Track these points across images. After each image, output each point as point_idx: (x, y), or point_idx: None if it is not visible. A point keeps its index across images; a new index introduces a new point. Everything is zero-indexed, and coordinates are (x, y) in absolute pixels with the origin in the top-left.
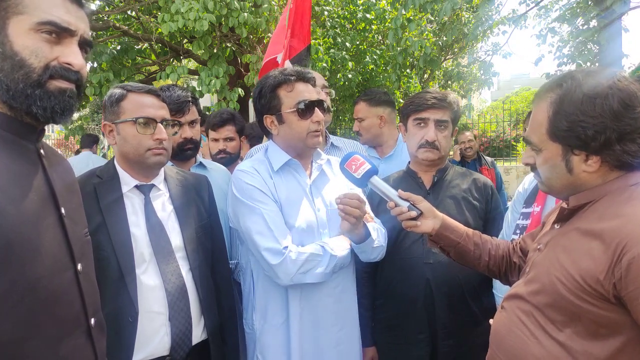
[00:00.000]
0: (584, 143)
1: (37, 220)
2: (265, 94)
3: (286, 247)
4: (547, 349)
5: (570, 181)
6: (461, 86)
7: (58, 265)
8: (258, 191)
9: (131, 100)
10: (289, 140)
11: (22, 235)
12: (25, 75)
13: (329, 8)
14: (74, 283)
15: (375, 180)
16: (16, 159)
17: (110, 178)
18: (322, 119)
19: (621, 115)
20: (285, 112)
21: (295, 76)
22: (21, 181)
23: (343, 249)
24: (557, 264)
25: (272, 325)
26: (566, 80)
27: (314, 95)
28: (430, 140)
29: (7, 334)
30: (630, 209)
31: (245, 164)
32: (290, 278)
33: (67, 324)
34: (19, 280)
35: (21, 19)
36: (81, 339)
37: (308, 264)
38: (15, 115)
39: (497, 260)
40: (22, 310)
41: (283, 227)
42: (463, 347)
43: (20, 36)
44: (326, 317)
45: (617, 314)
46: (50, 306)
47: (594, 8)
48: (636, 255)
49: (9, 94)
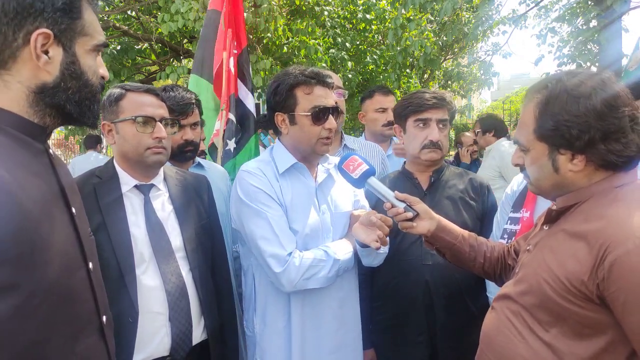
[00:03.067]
0: (569, 142)
1: (54, 221)
2: (281, 91)
3: (290, 253)
4: (534, 349)
5: (557, 181)
6: (461, 86)
7: (73, 265)
8: (264, 194)
9: (130, 100)
10: (298, 143)
11: (43, 236)
12: (91, 93)
13: (329, 8)
14: (86, 282)
15: (373, 181)
16: (31, 160)
17: (109, 178)
18: (334, 127)
19: (605, 115)
20: (299, 114)
21: (315, 79)
22: (38, 181)
23: (346, 252)
24: (544, 264)
25: (272, 330)
26: (552, 82)
27: (331, 102)
28: (435, 140)
29: (31, 335)
30: (614, 211)
31: (250, 164)
32: (293, 285)
33: (82, 322)
34: (42, 280)
35: (85, 40)
36: (95, 337)
37: (312, 269)
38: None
39: (492, 262)
40: (44, 311)
41: (288, 232)
42: (462, 348)
43: (84, 56)
44: (329, 322)
45: (601, 314)
46: (69, 305)
47: (594, 8)
48: (618, 257)
49: (78, 108)
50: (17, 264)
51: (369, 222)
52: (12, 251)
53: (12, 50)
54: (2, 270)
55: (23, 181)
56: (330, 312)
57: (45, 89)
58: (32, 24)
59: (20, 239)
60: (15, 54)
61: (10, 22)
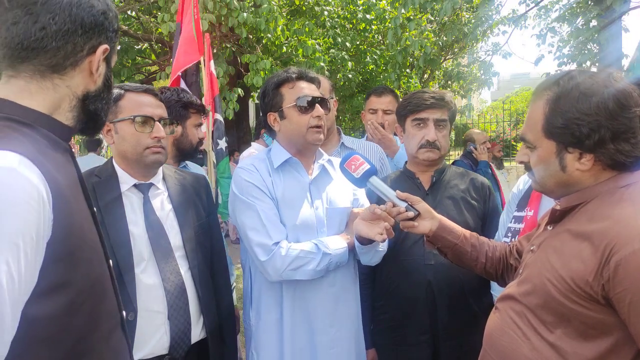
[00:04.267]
0: (579, 141)
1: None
2: (268, 92)
3: (277, 243)
4: (538, 349)
5: (563, 179)
6: (461, 86)
7: (101, 261)
8: (255, 187)
9: (129, 100)
10: (290, 136)
11: (85, 234)
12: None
13: (329, 8)
14: (109, 278)
15: (374, 180)
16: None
17: (108, 177)
18: (322, 114)
19: (616, 114)
20: (286, 108)
21: (297, 74)
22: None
23: (338, 247)
24: (548, 265)
25: (266, 322)
26: (563, 79)
27: (316, 93)
28: (432, 140)
29: (79, 330)
30: (619, 211)
31: (246, 161)
32: (279, 274)
33: (112, 317)
34: (86, 277)
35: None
36: (119, 331)
37: (299, 260)
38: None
39: (494, 262)
40: (88, 307)
41: (277, 223)
42: (465, 348)
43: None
44: (321, 318)
45: (606, 315)
46: (103, 301)
47: (594, 8)
48: (624, 257)
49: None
50: (68, 261)
51: (371, 216)
52: (65, 250)
53: (77, 59)
54: (57, 269)
55: (64, 179)
56: (323, 308)
57: (88, 97)
58: (97, 39)
59: (70, 238)
60: (77, 63)
61: (83, 35)
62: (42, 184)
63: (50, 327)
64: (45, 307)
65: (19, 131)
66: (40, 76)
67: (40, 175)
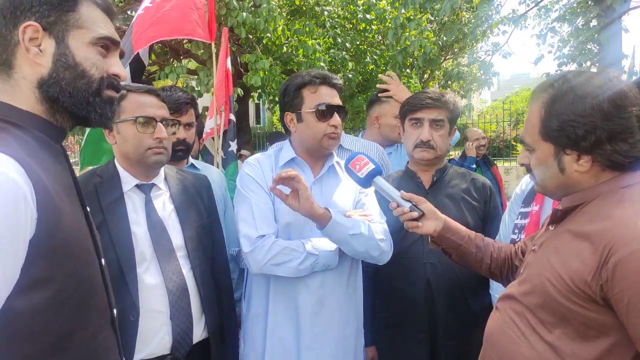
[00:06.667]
0: (575, 142)
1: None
2: (289, 91)
3: (262, 236)
4: (537, 349)
5: (563, 181)
6: (461, 86)
7: (92, 260)
8: (253, 181)
9: (131, 100)
10: (305, 140)
11: (71, 232)
12: (87, 84)
13: (329, 8)
14: (100, 276)
15: (379, 180)
16: (53, 160)
17: (110, 177)
18: (339, 124)
19: (611, 114)
20: (305, 112)
21: (321, 79)
22: (62, 181)
23: (326, 249)
24: (548, 265)
25: (253, 315)
26: (558, 81)
27: (336, 101)
28: (425, 140)
29: (62, 325)
30: (619, 211)
31: (254, 156)
32: (259, 267)
33: (101, 315)
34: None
35: (81, 32)
36: (109, 330)
37: (282, 256)
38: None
39: (498, 263)
40: (73, 303)
41: (268, 218)
42: (463, 347)
43: (81, 48)
44: (305, 318)
45: (605, 315)
46: (92, 298)
47: (594, 8)
48: (622, 258)
49: (72, 100)
50: (51, 258)
51: None
52: (48, 245)
53: (12, 48)
54: (38, 264)
55: (52, 180)
56: (307, 308)
57: (43, 82)
58: (24, 20)
59: (54, 234)
60: (15, 52)
61: (8, 23)
62: (26, 183)
63: (33, 321)
64: (27, 302)
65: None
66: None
67: (24, 175)
